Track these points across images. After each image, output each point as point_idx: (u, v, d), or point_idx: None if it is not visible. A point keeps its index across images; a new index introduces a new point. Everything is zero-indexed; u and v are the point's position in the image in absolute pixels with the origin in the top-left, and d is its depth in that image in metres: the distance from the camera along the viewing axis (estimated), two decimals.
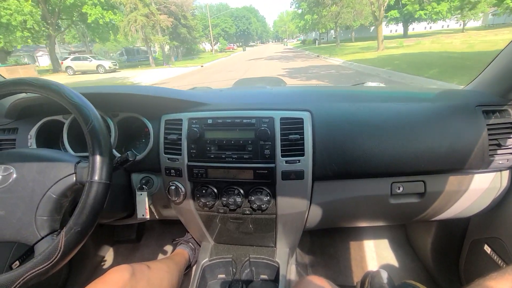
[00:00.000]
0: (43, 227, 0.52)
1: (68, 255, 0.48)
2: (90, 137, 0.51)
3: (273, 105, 0.79)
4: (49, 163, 0.55)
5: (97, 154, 0.51)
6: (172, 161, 0.79)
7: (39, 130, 0.85)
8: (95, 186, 0.49)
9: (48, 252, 0.46)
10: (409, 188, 0.80)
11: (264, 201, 0.78)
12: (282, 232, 0.90)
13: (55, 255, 0.46)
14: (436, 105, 0.77)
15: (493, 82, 0.81)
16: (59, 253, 0.47)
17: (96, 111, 0.55)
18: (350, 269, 1.27)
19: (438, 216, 0.89)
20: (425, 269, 1.21)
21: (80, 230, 0.48)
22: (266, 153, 0.73)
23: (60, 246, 0.47)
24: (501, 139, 0.73)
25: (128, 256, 1.41)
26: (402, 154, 0.73)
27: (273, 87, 1.04)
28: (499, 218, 0.86)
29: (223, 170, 0.76)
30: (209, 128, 0.76)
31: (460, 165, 0.74)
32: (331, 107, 0.79)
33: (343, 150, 0.73)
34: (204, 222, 0.91)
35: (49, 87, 0.53)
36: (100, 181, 0.50)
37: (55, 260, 0.46)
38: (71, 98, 0.53)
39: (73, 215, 0.49)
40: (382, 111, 0.76)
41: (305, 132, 0.73)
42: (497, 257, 0.84)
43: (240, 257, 0.97)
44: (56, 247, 0.47)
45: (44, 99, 0.54)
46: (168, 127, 0.79)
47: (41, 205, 0.52)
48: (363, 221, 0.98)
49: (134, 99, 0.80)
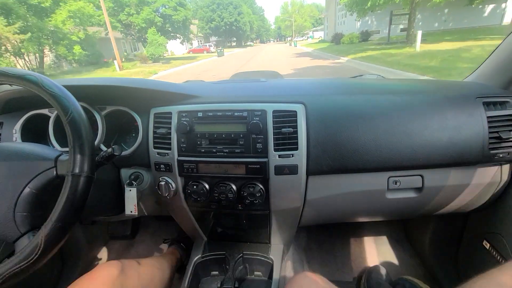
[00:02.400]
0: (23, 223, 0.49)
1: (49, 252, 0.46)
2: (70, 129, 0.49)
3: (266, 98, 0.76)
4: (28, 157, 0.53)
5: (77, 146, 0.48)
6: (161, 156, 0.76)
7: (25, 124, 0.82)
8: (76, 179, 0.47)
9: (28, 250, 0.44)
10: (407, 182, 0.78)
11: (257, 197, 0.75)
12: (276, 228, 0.88)
13: (35, 252, 0.44)
14: (435, 97, 0.74)
15: (494, 73, 0.78)
16: (39, 250, 0.44)
17: (76, 102, 0.52)
18: (347, 265, 1.25)
19: (436, 212, 0.87)
20: (423, 265, 1.20)
21: (61, 226, 0.46)
22: (258, 147, 0.71)
23: (40, 243, 0.44)
24: (501, 131, 0.70)
25: (122, 253, 1.39)
26: (400, 148, 0.71)
27: (267, 80, 1.01)
28: (499, 213, 0.84)
29: (214, 165, 0.74)
30: (200, 122, 0.73)
31: (459, 158, 0.72)
32: (326, 99, 0.76)
33: (338, 143, 0.71)
34: (196, 218, 0.89)
35: (25, 77, 0.50)
36: (81, 174, 0.47)
37: (35, 258, 0.44)
38: (49, 89, 0.50)
39: (53, 210, 0.46)
40: (379, 104, 0.74)
41: (299, 125, 0.70)
42: (496, 253, 0.82)
43: (234, 254, 0.95)
44: (36, 244, 0.44)
45: (28, 91, 0.51)
46: (157, 120, 0.77)
47: (20, 200, 0.50)
48: (359, 216, 0.96)
49: (121, 92, 0.77)
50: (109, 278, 0.68)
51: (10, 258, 0.45)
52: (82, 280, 0.67)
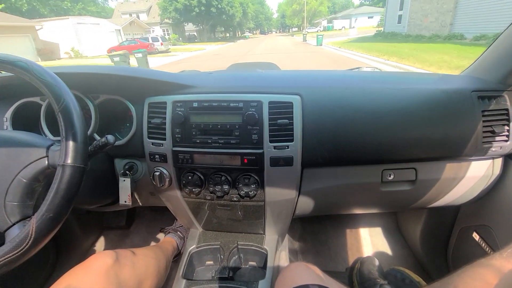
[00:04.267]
0: (14, 213, 0.49)
1: (40, 242, 0.45)
2: (62, 117, 0.48)
3: (262, 88, 0.75)
4: (19, 145, 0.52)
5: (70, 136, 0.47)
6: (156, 146, 0.76)
7: (15, 112, 0.80)
8: (68, 169, 0.46)
9: (18, 240, 0.44)
10: (400, 175, 0.78)
11: (252, 188, 0.76)
12: (271, 219, 0.89)
13: (25, 242, 0.44)
14: (431, 90, 0.74)
15: (490, 68, 0.78)
16: (30, 240, 0.44)
17: (69, 90, 0.51)
18: (341, 255, 1.28)
19: (429, 204, 0.89)
20: (414, 256, 1.23)
21: (52, 216, 0.45)
22: (254, 138, 0.70)
23: (31, 233, 0.44)
24: (495, 126, 0.71)
25: (117, 243, 1.40)
26: (394, 141, 0.71)
27: (264, 71, 1.00)
28: (489, 206, 0.85)
29: (209, 155, 0.74)
30: (195, 112, 0.72)
31: (453, 152, 0.73)
32: (323, 91, 0.75)
33: (334, 136, 0.71)
34: (191, 209, 0.89)
35: (16, 63, 0.49)
36: (74, 165, 0.47)
37: (25, 248, 0.44)
38: (41, 76, 0.49)
39: (45, 200, 0.46)
40: (376, 96, 0.73)
41: (295, 116, 0.70)
42: (485, 245, 0.84)
43: (228, 244, 0.96)
44: (27, 234, 0.44)
45: (19, 79, 0.50)
46: (152, 110, 0.76)
47: (10, 190, 0.49)
48: (353, 208, 0.97)
49: (115, 81, 0.76)
50: (104, 268, 0.68)
51: (0, 247, 0.44)
52: (76, 270, 0.67)
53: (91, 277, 0.65)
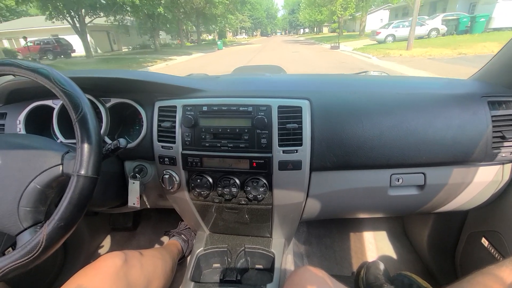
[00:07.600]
0: (26, 218, 0.50)
1: (50, 249, 0.46)
2: (79, 127, 0.49)
3: (271, 93, 0.76)
4: (36, 151, 0.53)
5: (85, 146, 0.48)
6: (166, 149, 0.77)
7: (29, 115, 0.82)
8: (82, 180, 0.47)
9: (29, 246, 0.45)
10: (409, 180, 0.78)
11: (260, 191, 0.76)
12: (278, 222, 0.89)
13: (36, 249, 0.45)
14: (440, 95, 0.74)
15: (500, 73, 0.78)
16: (41, 247, 0.45)
17: (87, 100, 0.52)
18: (346, 259, 1.27)
19: (437, 209, 0.88)
20: (421, 261, 1.22)
21: (63, 225, 0.46)
22: (263, 142, 0.71)
23: (41, 240, 0.45)
24: (505, 131, 0.71)
25: (124, 244, 1.41)
26: (403, 145, 0.71)
27: (272, 75, 1.01)
28: (498, 211, 0.85)
29: (218, 159, 0.74)
30: (204, 116, 0.73)
31: (462, 157, 0.72)
32: (332, 96, 0.76)
33: (342, 140, 0.71)
34: (199, 212, 0.90)
35: (38, 70, 0.50)
36: (87, 175, 0.47)
37: (36, 255, 0.45)
38: (61, 84, 0.50)
39: (57, 209, 0.47)
40: (384, 101, 0.74)
41: (304, 121, 0.70)
42: (494, 251, 0.84)
43: (236, 247, 0.96)
44: (38, 241, 0.45)
45: (33, 82, 0.51)
46: (162, 114, 0.76)
47: (24, 195, 0.50)
48: (361, 212, 0.97)
49: (126, 84, 0.77)
50: (113, 268, 0.69)
51: (12, 252, 0.46)
52: (86, 270, 0.68)
53: (101, 278, 0.66)
